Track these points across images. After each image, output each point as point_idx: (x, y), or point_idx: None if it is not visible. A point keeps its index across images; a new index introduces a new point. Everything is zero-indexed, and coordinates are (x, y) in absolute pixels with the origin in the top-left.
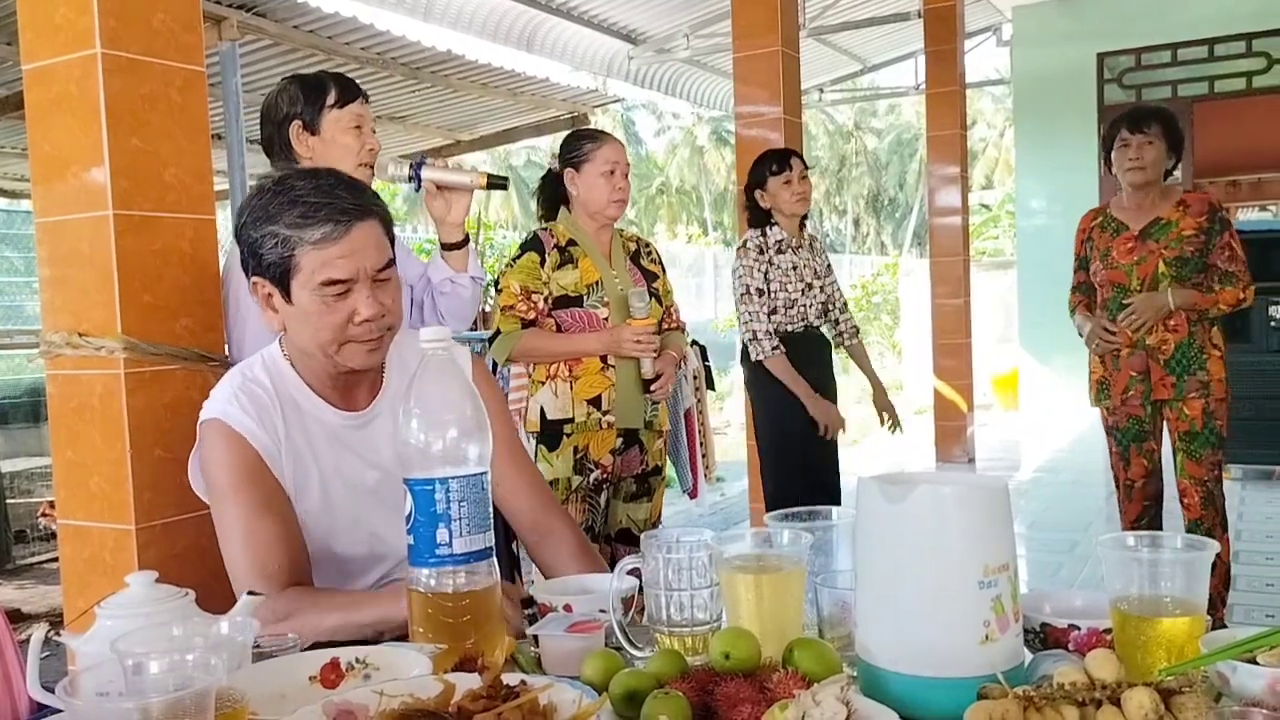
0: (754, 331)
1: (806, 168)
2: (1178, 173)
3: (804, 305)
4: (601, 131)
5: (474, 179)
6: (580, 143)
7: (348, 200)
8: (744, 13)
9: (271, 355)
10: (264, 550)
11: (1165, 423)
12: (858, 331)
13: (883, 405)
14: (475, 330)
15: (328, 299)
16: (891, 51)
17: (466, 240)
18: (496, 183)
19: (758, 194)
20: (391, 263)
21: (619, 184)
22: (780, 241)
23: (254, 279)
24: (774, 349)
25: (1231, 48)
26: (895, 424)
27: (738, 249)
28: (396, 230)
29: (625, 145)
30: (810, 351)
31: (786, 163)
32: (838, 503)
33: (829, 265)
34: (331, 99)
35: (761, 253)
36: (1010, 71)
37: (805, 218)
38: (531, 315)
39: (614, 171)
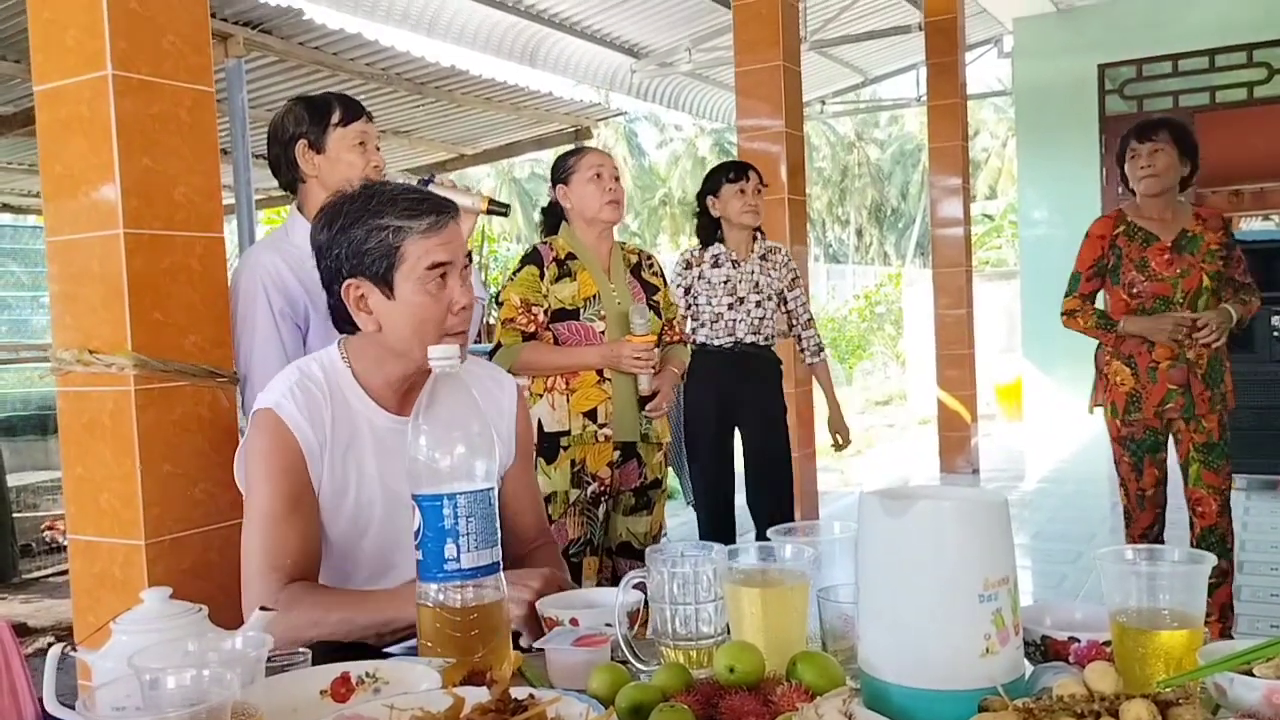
0: None
1: (763, 184)
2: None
3: (731, 320)
4: (583, 145)
5: (476, 202)
6: (565, 160)
7: (438, 198)
8: (745, 27)
9: (330, 356)
10: (279, 544)
11: (1174, 434)
12: (820, 350)
13: (836, 427)
14: (479, 343)
15: (430, 287)
16: (893, 64)
17: (469, 261)
18: (497, 208)
19: (709, 200)
20: (471, 253)
21: (608, 186)
22: (717, 256)
23: (349, 281)
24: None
25: (1232, 58)
26: (843, 445)
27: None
28: None
29: (611, 155)
30: (731, 367)
31: (744, 173)
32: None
33: (794, 279)
34: (336, 118)
35: (688, 267)
36: (1011, 83)
37: (759, 231)
38: (532, 328)
39: (600, 175)
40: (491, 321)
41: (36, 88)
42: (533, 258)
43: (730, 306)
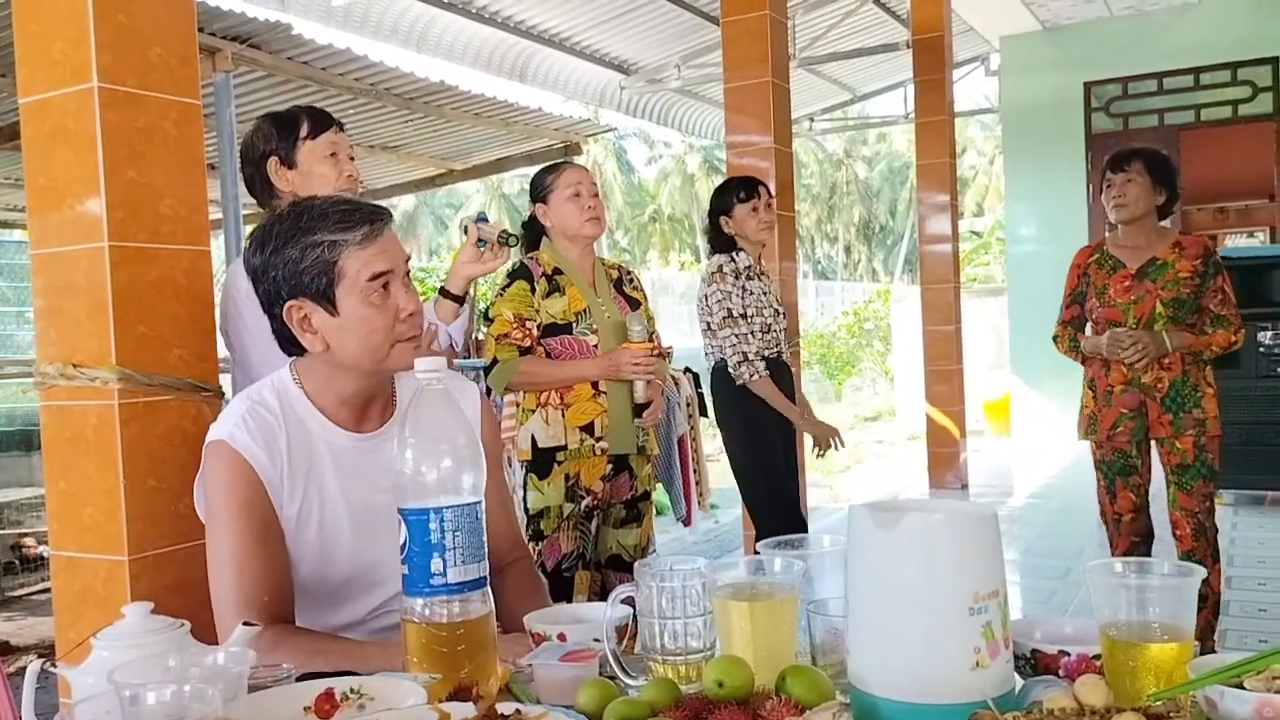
0: (744, 354)
1: (772, 197)
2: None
3: (777, 331)
4: (561, 161)
5: (493, 233)
6: (543, 178)
7: (370, 207)
8: (734, 44)
9: (281, 380)
10: (253, 580)
11: (1154, 457)
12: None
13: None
14: (468, 357)
15: (374, 299)
16: (881, 81)
17: (463, 300)
18: (507, 238)
19: (722, 220)
20: (409, 258)
21: (587, 203)
22: (749, 267)
23: (290, 304)
24: (765, 370)
25: (1217, 76)
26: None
27: (711, 274)
28: None
29: (589, 170)
30: (783, 379)
31: (754, 190)
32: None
33: None
34: (304, 131)
35: (737, 277)
36: (998, 100)
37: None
38: (527, 342)
39: (579, 193)
40: (479, 337)
41: (22, 100)
42: (522, 273)
43: (774, 317)
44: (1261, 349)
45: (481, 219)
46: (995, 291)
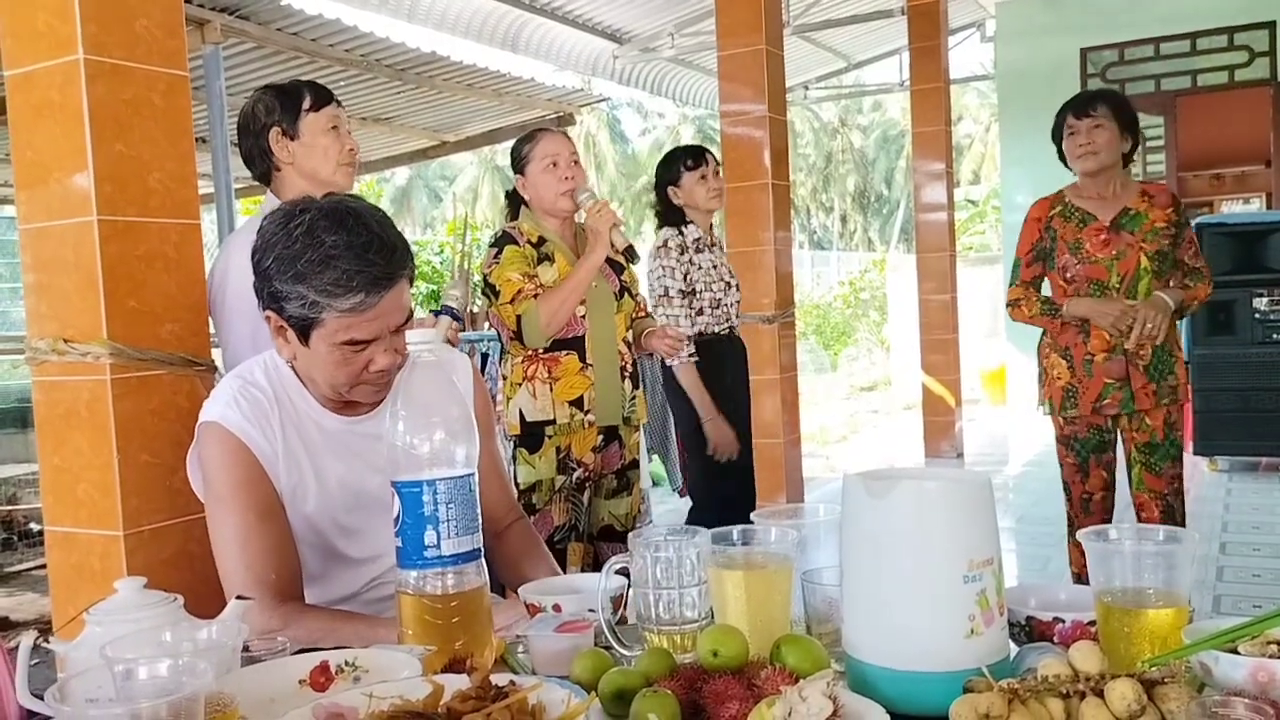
0: None
1: (719, 164)
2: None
3: (728, 306)
4: (538, 130)
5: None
6: (519, 148)
7: (380, 267)
8: (728, 11)
9: (274, 359)
10: (260, 557)
11: (1120, 432)
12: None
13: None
14: (465, 330)
15: (346, 353)
16: (876, 48)
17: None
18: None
19: (670, 190)
20: (411, 314)
21: (564, 173)
22: (698, 240)
23: (270, 313)
24: (689, 356)
25: (1213, 41)
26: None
27: (656, 248)
28: None
29: (569, 137)
30: (734, 355)
31: (702, 158)
32: (753, 504)
33: None
34: (307, 103)
35: (683, 252)
36: (994, 67)
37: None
38: (539, 293)
39: (556, 163)
40: (474, 310)
41: (7, 73)
42: (508, 240)
43: (724, 291)
44: (1257, 315)
45: (450, 311)
46: (991, 260)
